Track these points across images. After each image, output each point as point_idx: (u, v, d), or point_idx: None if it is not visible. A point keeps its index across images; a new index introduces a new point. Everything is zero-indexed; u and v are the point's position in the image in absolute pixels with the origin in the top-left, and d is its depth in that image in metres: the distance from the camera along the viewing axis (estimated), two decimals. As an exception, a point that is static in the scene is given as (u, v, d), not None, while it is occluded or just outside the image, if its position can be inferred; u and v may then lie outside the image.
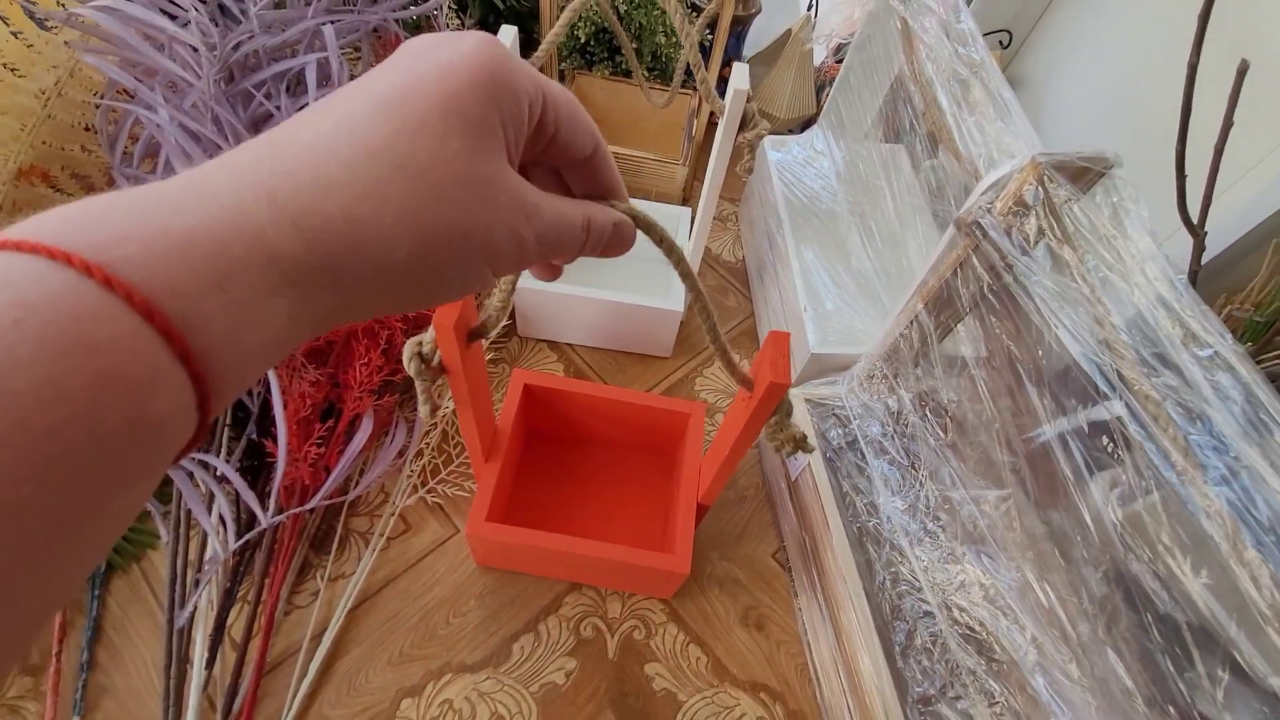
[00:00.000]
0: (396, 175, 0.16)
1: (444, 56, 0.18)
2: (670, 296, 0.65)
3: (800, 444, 0.42)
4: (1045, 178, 0.37)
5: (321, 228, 0.15)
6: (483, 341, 0.41)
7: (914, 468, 0.51)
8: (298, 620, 0.52)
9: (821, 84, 0.93)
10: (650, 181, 0.78)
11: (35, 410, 0.11)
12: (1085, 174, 0.38)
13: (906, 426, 0.52)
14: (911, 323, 0.51)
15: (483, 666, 0.52)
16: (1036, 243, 0.39)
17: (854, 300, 0.63)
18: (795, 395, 0.58)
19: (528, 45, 0.83)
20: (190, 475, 0.47)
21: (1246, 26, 0.57)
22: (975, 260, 0.43)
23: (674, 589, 0.55)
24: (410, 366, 0.36)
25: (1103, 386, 0.33)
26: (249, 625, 0.49)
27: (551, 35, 0.48)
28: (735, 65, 0.51)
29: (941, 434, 0.50)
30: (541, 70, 0.80)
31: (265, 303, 0.15)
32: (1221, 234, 0.60)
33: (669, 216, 0.72)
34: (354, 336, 0.54)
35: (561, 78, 0.82)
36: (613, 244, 0.25)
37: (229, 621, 0.49)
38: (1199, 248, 0.52)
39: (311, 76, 0.53)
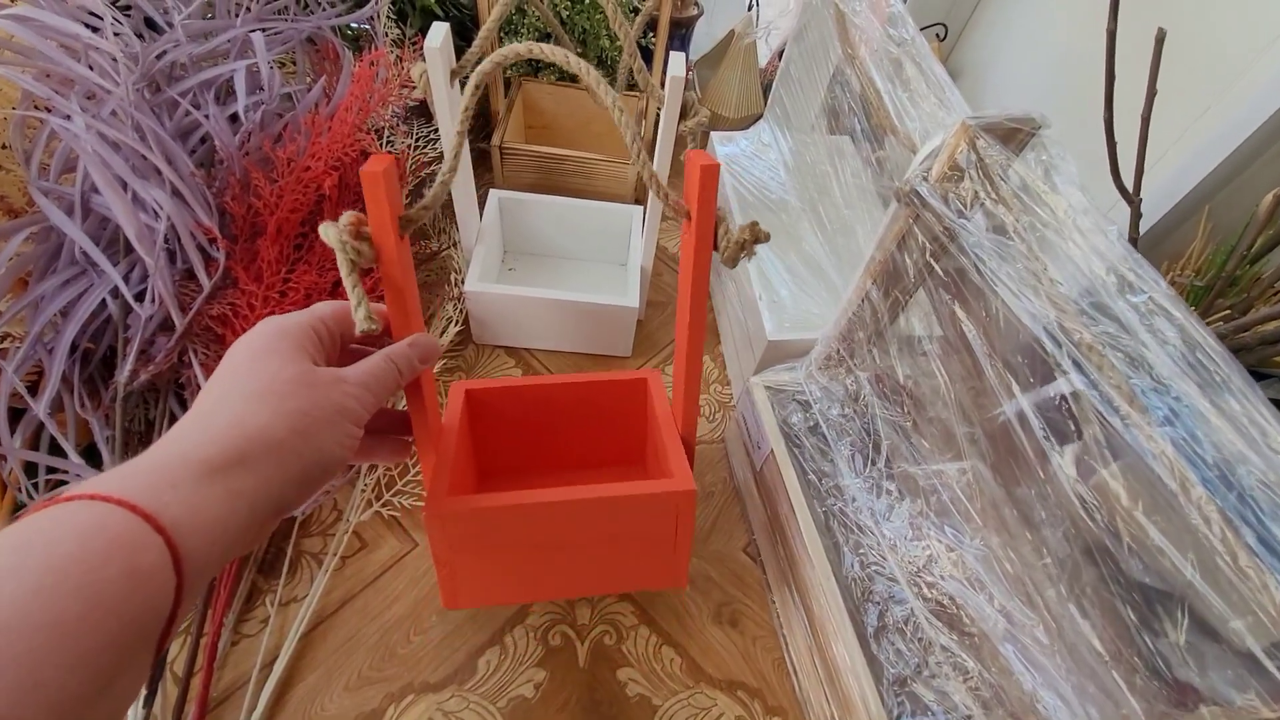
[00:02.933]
0: (260, 402, 0.27)
1: (255, 342, 0.29)
2: (627, 294, 0.64)
3: (755, 234, 0.41)
4: (976, 140, 0.38)
5: (225, 437, 0.25)
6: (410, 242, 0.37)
7: (876, 447, 0.51)
8: (247, 649, 0.49)
9: (768, 83, 0.94)
10: (602, 183, 0.78)
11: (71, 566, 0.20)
12: (1015, 135, 0.38)
13: (866, 407, 0.52)
14: (863, 301, 0.50)
15: (446, 685, 0.49)
16: (973, 205, 0.39)
17: (808, 286, 0.63)
18: (755, 383, 0.58)
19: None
20: (119, 499, 0.44)
21: None
22: (917, 230, 0.43)
23: (686, 555, 0.46)
24: (329, 234, 0.31)
25: (1046, 342, 0.33)
26: (190, 658, 0.46)
27: (485, 28, 0.47)
28: (672, 55, 0.51)
29: (900, 411, 0.50)
30: (496, 121, 0.79)
31: (204, 489, 0.23)
32: (1157, 202, 0.62)
33: (620, 215, 0.71)
34: (295, 347, 0.52)
35: (508, 85, 0.82)
36: (424, 356, 0.36)
37: (169, 655, 0.46)
38: (1135, 215, 0.53)
39: (241, 84, 0.52)
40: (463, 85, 0.54)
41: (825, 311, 0.61)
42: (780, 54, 0.92)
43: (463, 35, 0.82)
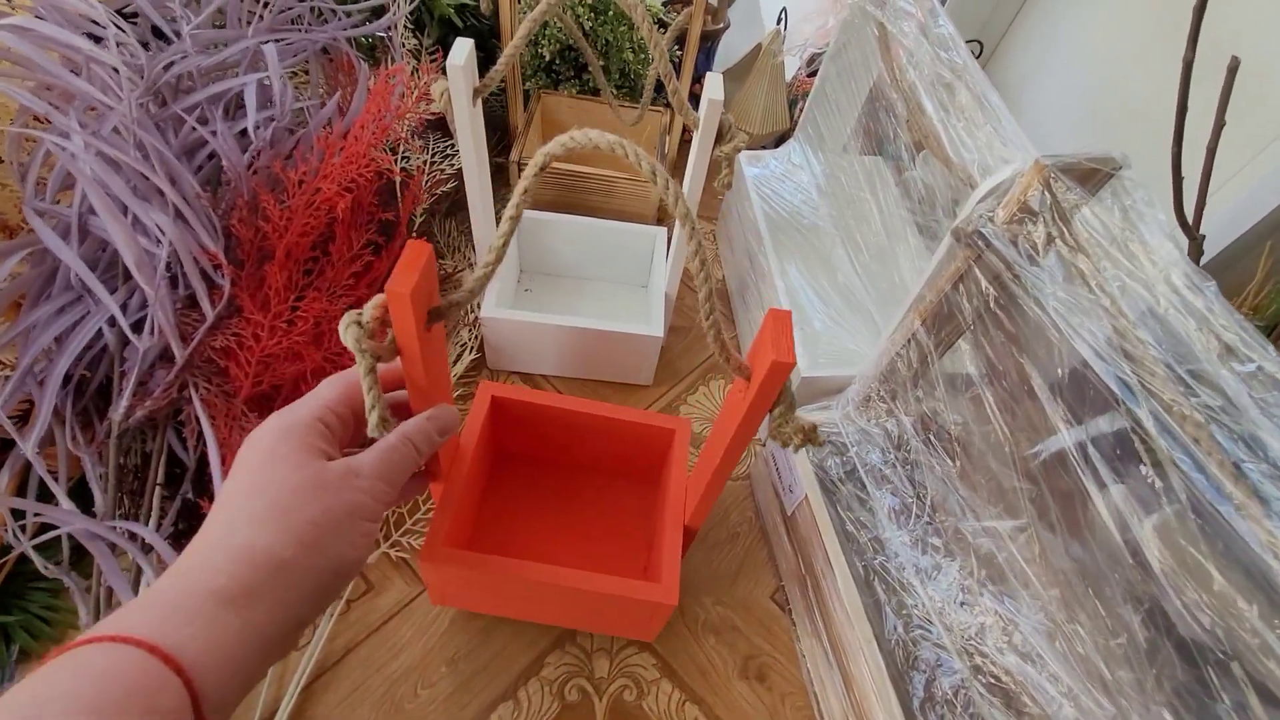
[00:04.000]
0: (266, 523, 0.26)
1: (262, 443, 0.28)
2: (650, 321, 0.61)
3: (809, 435, 0.37)
4: (1051, 181, 0.34)
5: (238, 564, 0.25)
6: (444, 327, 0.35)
7: (920, 498, 0.47)
8: (245, 702, 0.46)
9: (794, 98, 0.91)
10: (623, 202, 0.75)
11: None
12: (1093, 176, 0.35)
13: (909, 453, 0.49)
14: (909, 341, 0.47)
15: (456, 743, 0.46)
16: (1046, 251, 0.36)
17: (843, 318, 0.59)
18: (787, 422, 0.54)
19: (490, 64, 0.80)
20: (112, 546, 0.41)
21: (1229, 22, 0.56)
22: (978, 272, 0.40)
23: (661, 626, 0.50)
24: (347, 335, 0.30)
25: (1134, 408, 0.30)
26: (184, 714, 0.43)
27: (511, 46, 0.44)
28: (709, 76, 0.48)
29: (948, 460, 0.47)
30: (505, 91, 0.77)
31: (219, 622, 0.23)
32: (1215, 236, 0.58)
33: (643, 237, 0.68)
34: (303, 379, 0.49)
35: (527, 98, 0.79)
36: (443, 429, 0.34)
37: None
38: (1197, 251, 0.50)
39: (251, 98, 0.49)
40: (485, 103, 0.51)
41: (862, 346, 0.57)
42: (809, 70, 0.89)
43: (481, 46, 0.79)
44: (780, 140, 0.97)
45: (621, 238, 0.68)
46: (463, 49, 0.45)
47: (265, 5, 0.56)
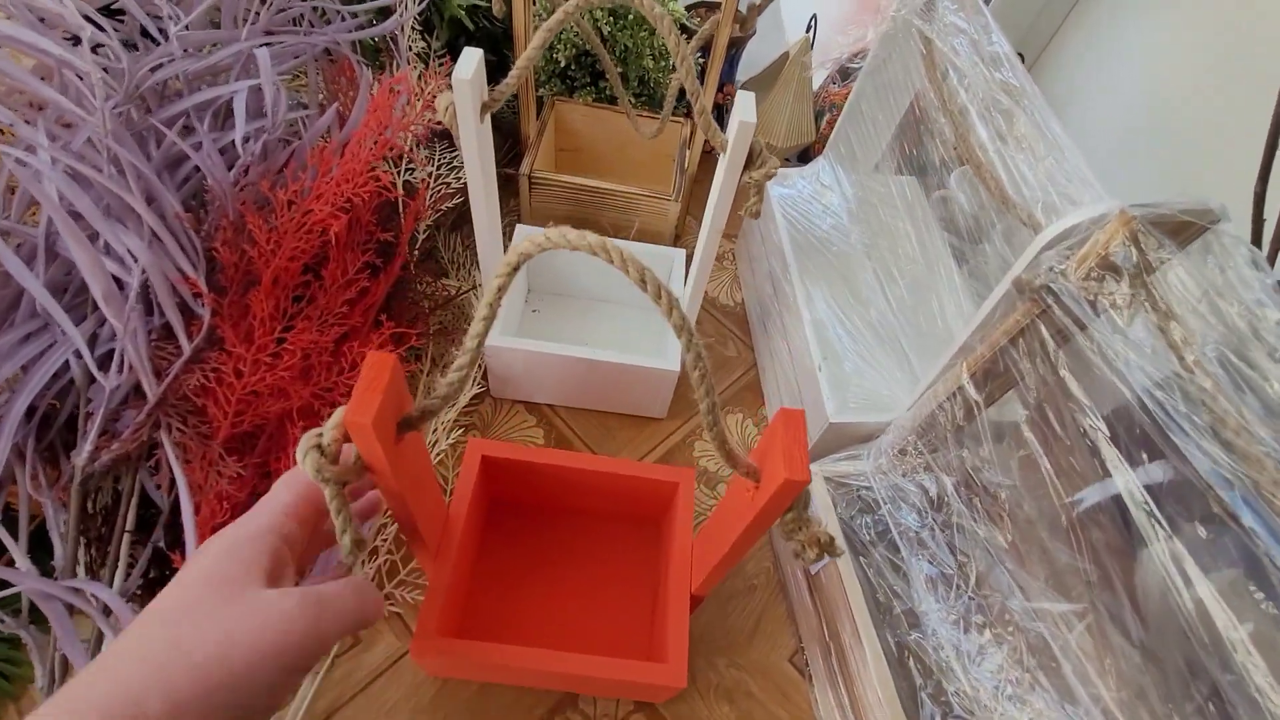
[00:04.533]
0: (179, 660, 0.24)
1: (204, 559, 0.27)
2: (666, 354, 0.57)
3: (826, 548, 0.34)
4: (1139, 236, 0.30)
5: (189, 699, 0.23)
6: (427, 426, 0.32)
7: (963, 570, 0.43)
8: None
9: (821, 109, 0.87)
10: (640, 219, 0.71)
11: None
12: (1184, 230, 0.31)
13: (951, 517, 0.44)
14: (954, 395, 0.43)
15: (445, 821, 0.42)
16: (1130, 316, 0.31)
17: (875, 357, 0.55)
18: (813, 472, 0.50)
19: (501, 69, 0.76)
20: (69, 608, 0.37)
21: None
22: (1043, 330, 0.35)
23: (670, 695, 0.46)
24: (306, 464, 0.27)
25: (1246, 518, 0.25)
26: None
27: (524, 58, 0.40)
28: (739, 94, 0.43)
29: (993, 527, 0.42)
30: (517, 96, 0.73)
31: None
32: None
33: (661, 258, 0.64)
34: (288, 418, 0.45)
35: (540, 105, 0.75)
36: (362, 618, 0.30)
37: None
38: (1275, 300, 0.45)
39: (241, 107, 0.45)
40: (494, 120, 0.46)
41: (896, 390, 0.53)
42: (837, 80, 0.85)
43: (493, 51, 0.74)
44: (803, 153, 0.92)
45: (640, 257, 0.64)
46: (471, 60, 0.40)
47: (263, 3, 0.52)
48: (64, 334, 0.40)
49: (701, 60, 0.77)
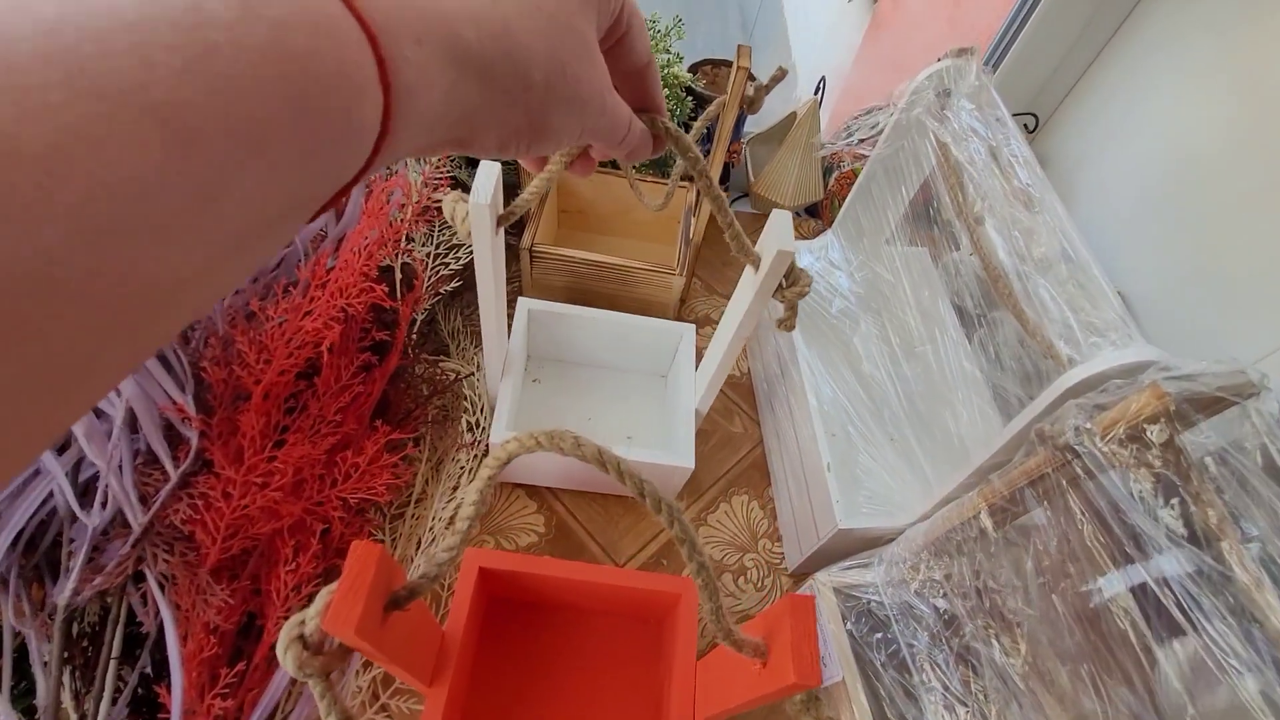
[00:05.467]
0: (538, 16, 0.19)
1: None
2: (676, 445, 0.55)
3: None
4: (1173, 412, 0.28)
5: (489, 30, 0.18)
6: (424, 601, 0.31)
7: (983, 703, 0.41)
8: None
9: (829, 166, 0.85)
10: (643, 290, 0.69)
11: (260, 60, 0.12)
12: (1217, 404, 0.29)
13: (968, 645, 0.42)
14: (970, 522, 0.41)
15: None
16: (1158, 494, 0.29)
17: (884, 456, 0.53)
18: (821, 583, 0.48)
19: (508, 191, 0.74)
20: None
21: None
22: (1064, 483, 0.33)
23: None
24: (287, 659, 0.25)
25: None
26: None
27: (539, 180, 0.39)
28: (775, 214, 0.41)
29: (1017, 659, 0.40)
30: (527, 216, 0.71)
31: (441, 70, 0.17)
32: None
33: (667, 334, 0.62)
34: (279, 535, 0.43)
35: None
36: (640, 148, 0.27)
37: None
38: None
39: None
40: (508, 231, 0.45)
41: (908, 494, 0.51)
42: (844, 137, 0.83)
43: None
44: (810, 208, 0.90)
45: (644, 334, 0.62)
46: (488, 180, 0.39)
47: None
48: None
49: (706, 146, 0.76)
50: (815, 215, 0.91)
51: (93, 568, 0.39)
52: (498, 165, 0.39)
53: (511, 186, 0.76)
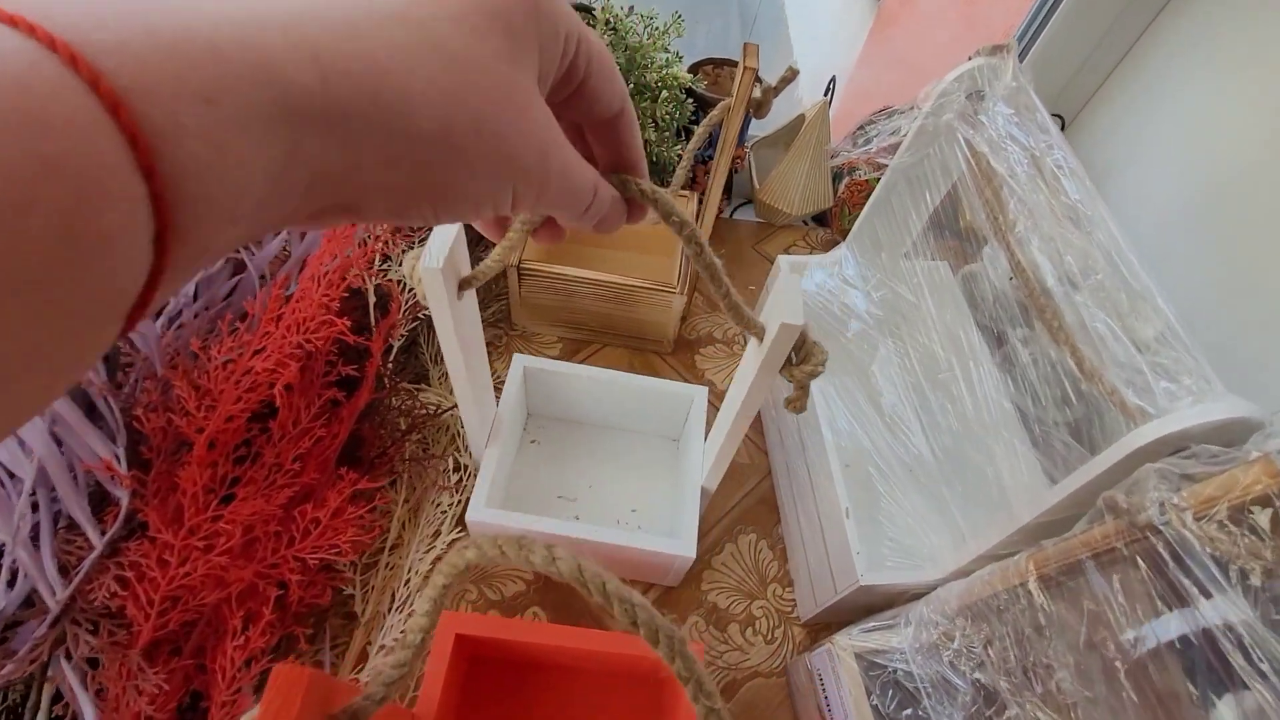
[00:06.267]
0: (430, 54, 0.15)
1: None
2: (680, 532, 0.49)
3: None
4: (1291, 492, 0.23)
5: (343, 68, 0.13)
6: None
7: (1027, 802, 0.36)
8: None
9: (839, 173, 0.80)
10: (641, 310, 0.64)
11: None
12: (1346, 478, 0.24)
13: (1009, 719, 0.37)
14: (1015, 590, 0.36)
15: None
16: (1267, 583, 0.24)
17: (910, 501, 0.48)
18: (841, 646, 0.43)
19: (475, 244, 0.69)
20: None
21: None
22: (1140, 561, 0.28)
23: None
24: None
25: None
26: None
27: (507, 241, 0.33)
28: (781, 279, 0.34)
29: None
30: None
31: (257, 134, 0.12)
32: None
33: (677, 397, 0.55)
34: (226, 604, 0.38)
35: None
36: (611, 217, 0.23)
37: None
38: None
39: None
40: (479, 291, 0.40)
41: (937, 546, 0.46)
42: (861, 142, 0.78)
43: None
44: (819, 215, 0.85)
45: (652, 396, 0.56)
46: (443, 241, 0.33)
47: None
48: (-50, 532, 0.33)
49: (709, 152, 0.70)
50: (824, 224, 0.85)
51: (3, 652, 0.33)
52: (454, 227, 0.34)
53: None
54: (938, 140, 0.46)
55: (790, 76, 0.52)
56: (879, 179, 0.53)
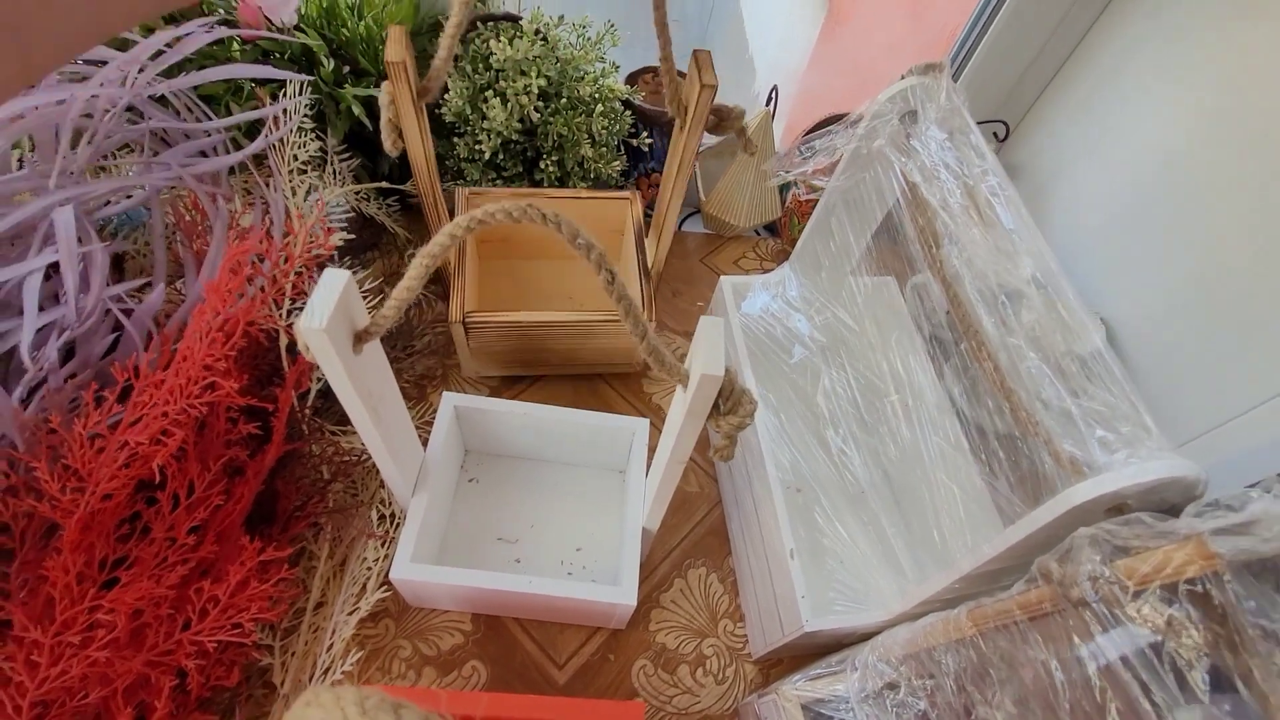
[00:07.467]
0: None
1: None
2: (622, 580, 0.47)
3: None
4: (1224, 577, 0.22)
5: None
6: None
7: None
8: None
9: (786, 183, 0.78)
10: (601, 340, 0.59)
11: None
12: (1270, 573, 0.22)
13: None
14: (957, 644, 0.34)
15: None
16: (1198, 661, 0.23)
17: (855, 541, 0.46)
18: (787, 697, 0.41)
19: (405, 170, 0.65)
20: None
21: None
22: (1073, 633, 0.27)
23: None
24: None
25: None
26: None
27: (402, 288, 0.31)
28: (703, 321, 0.32)
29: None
30: (419, 196, 0.56)
31: None
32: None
33: (618, 432, 0.53)
34: (113, 700, 0.35)
35: (452, 204, 0.63)
36: None
37: None
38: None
39: (32, 302, 0.35)
40: (434, 284, 0.37)
41: (883, 586, 0.44)
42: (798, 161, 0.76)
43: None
44: (770, 226, 0.83)
45: (591, 431, 0.54)
46: (326, 298, 0.30)
47: (89, 141, 0.41)
48: None
49: (645, 138, 0.67)
50: (774, 233, 0.84)
51: None
52: (344, 274, 0.31)
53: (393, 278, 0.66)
54: (872, 165, 0.44)
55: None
56: (818, 199, 0.51)
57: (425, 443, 0.50)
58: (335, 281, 0.31)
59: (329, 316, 0.30)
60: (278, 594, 0.39)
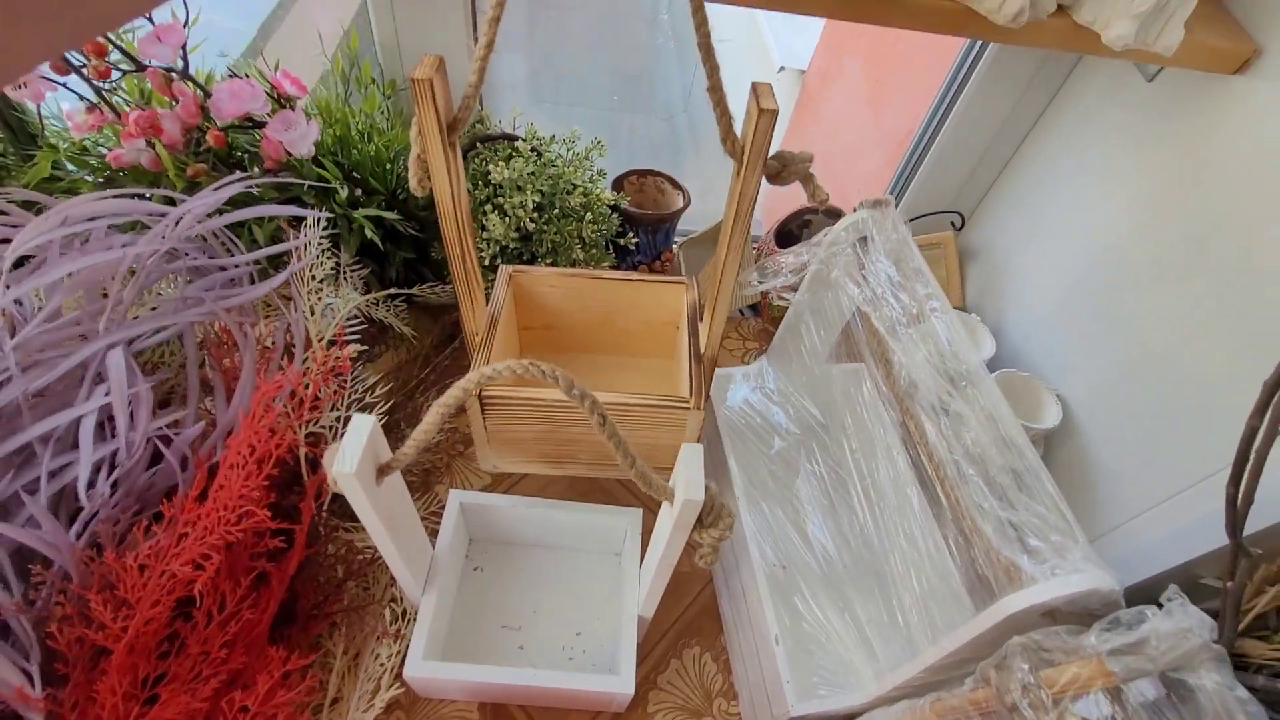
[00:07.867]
0: None
1: None
2: (619, 668, 0.50)
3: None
4: (1120, 688, 0.26)
5: None
6: None
7: None
8: None
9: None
10: (647, 431, 0.54)
11: None
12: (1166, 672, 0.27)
13: None
14: (924, 733, 0.38)
15: None
16: (1114, 764, 0.27)
17: (834, 623, 0.50)
18: (776, 781, 0.44)
19: (423, 262, 0.71)
20: None
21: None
22: (1016, 729, 0.31)
23: None
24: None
25: None
26: None
27: (425, 426, 0.35)
28: (685, 448, 0.37)
29: None
30: (448, 273, 0.51)
31: None
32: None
33: (613, 523, 0.57)
34: (151, 814, 0.37)
35: (488, 280, 0.67)
36: None
37: None
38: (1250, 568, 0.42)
39: (87, 440, 0.39)
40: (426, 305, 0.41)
41: (861, 670, 0.48)
42: (770, 275, 0.82)
43: (416, 248, 0.69)
44: (753, 306, 0.89)
45: (589, 522, 0.58)
46: (355, 441, 0.34)
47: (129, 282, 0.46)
48: None
49: (632, 239, 0.72)
50: (757, 312, 0.89)
51: None
52: (369, 419, 0.35)
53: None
54: (832, 287, 0.50)
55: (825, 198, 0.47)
56: (788, 304, 0.56)
57: (432, 535, 0.53)
58: (363, 427, 0.36)
59: (358, 461, 0.34)
60: (301, 699, 0.42)
